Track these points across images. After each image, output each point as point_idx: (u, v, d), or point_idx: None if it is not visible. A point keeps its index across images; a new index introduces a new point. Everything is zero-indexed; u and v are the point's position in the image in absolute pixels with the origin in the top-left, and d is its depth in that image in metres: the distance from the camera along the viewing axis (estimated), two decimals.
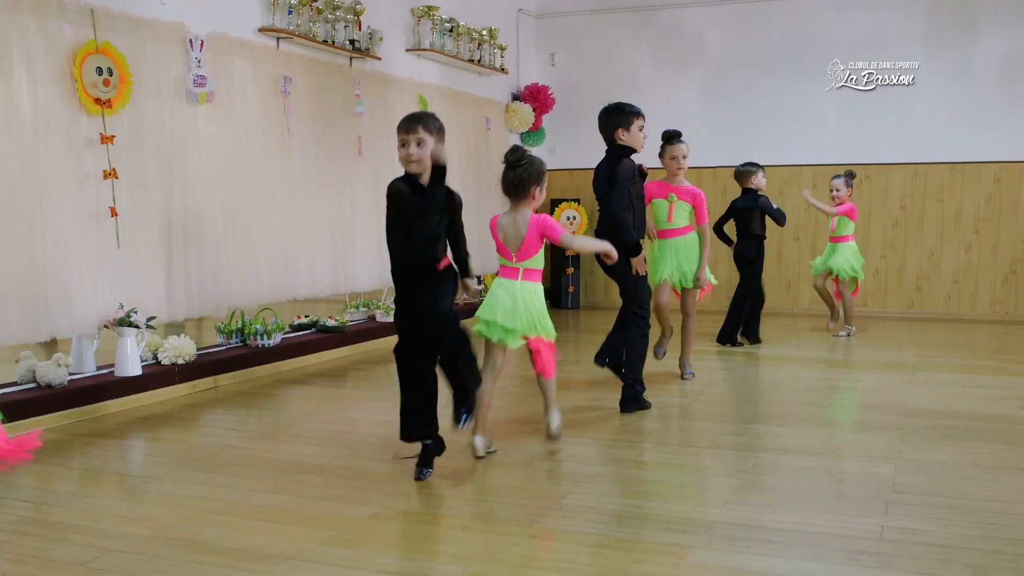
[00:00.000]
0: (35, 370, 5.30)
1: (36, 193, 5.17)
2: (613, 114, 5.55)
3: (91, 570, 3.09)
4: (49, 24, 5.23)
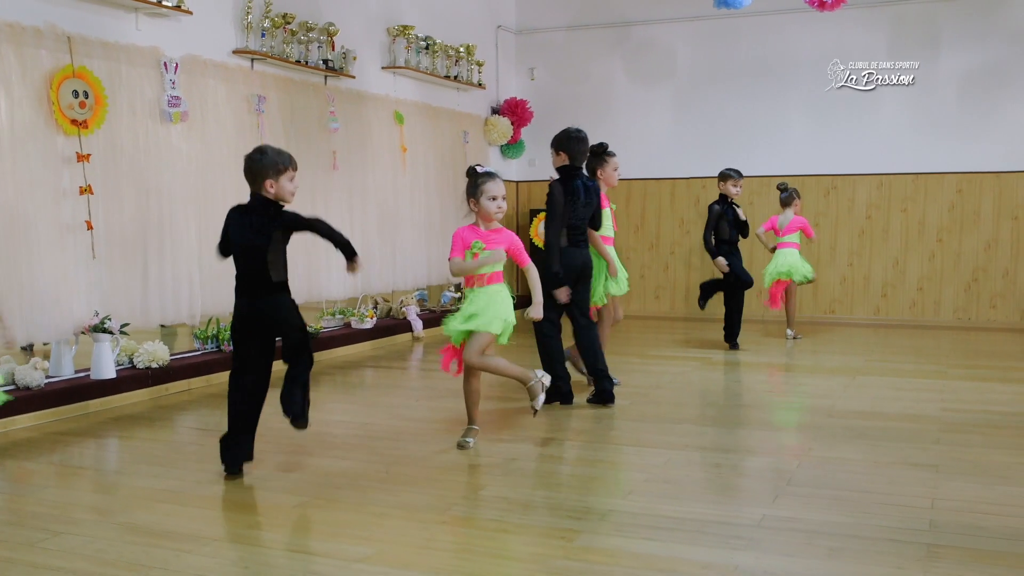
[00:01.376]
0: (14, 373, 5.67)
1: (15, 208, 5.55)
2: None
3: (38, 550, 3.45)
4: (26, 51, 5.62)
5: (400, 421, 5.61)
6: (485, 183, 4.75)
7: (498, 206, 4.77)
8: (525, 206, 11.61)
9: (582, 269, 5.91)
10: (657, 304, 11.11)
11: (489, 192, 4.74)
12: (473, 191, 4.77)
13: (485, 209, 4.75)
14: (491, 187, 4.75)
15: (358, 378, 7.33)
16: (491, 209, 4.75)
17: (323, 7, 8.19)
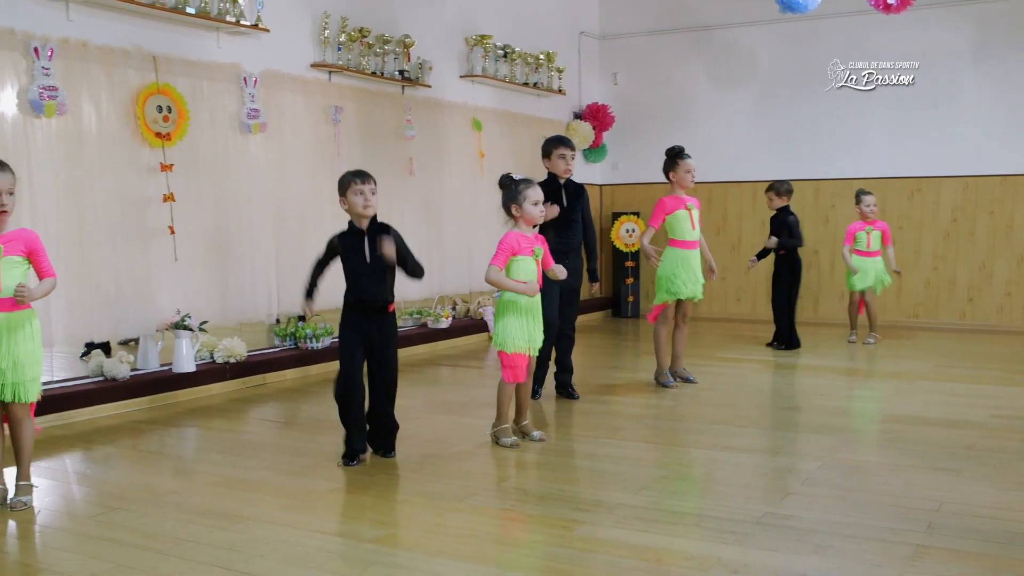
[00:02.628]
0: (102, 365, 6.20)
1: (104, 214, 6.07)
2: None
3: (91, 522, 3.88)
4: (115, 70, 6.13)
5: (455, 416, 5.89)
6: (527, 189, 4.93)
7: (540, 210, 4.96)
8: (608, 209, 11.77)
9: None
10: (738, 306, 11.14)
11: (532, 197, 4.92)
12: (515, 197, 4.93)
13: (529, 214, 4.92)
14: (533, 192, 4.93)
15: (432, 375, 7.65)
16: (535, 214, 4.93)
17: (400, 20, 8.56)
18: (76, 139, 5.91)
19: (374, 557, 3.46)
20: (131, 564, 3.41)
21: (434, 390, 6.97)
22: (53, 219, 5.81)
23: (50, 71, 5.70)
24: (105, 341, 6.61)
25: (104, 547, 3.61)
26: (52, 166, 5.79)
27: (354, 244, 4.69)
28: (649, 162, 11.27)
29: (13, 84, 5.58)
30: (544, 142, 6.35)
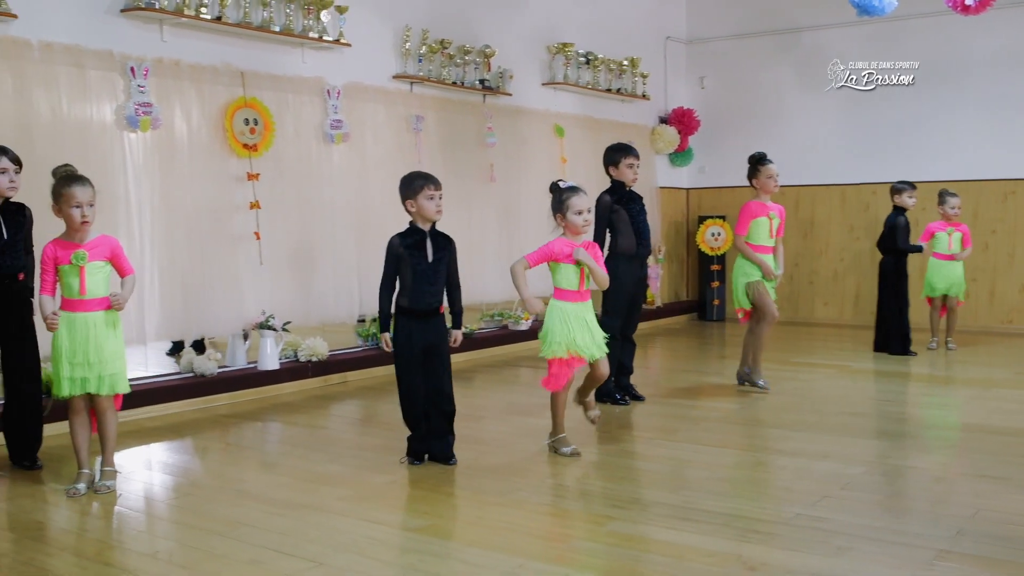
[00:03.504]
0: (193, 362, 6.63)
1: (195, 221, 6.50)
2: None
3: (159, 505, 4.24)
4: (205, 86, 6.55)
5: (522, 417, 6.08)
6: (570, 198, 4.99)
7: (584, 220, 5.01)
8: (695, 212, 11.81)
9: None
10: (825, 311, 11.04)
11: (575, 207, 4.97)
12: (559, 206, 5.05)
13: (572, 223, 5.00)
14: (576, 201, 4.98)
15: (508, 376, 7.87)
16: (578, 223, 4.99)
17: (480, 31, 8.82)
18: (169, 151, 6.34)
19: (412, 544, 3.71)
20: (191, 544, 3.74)
21: (508, 391, 7.19)
22: (148, 225, 6.26)
23: (145, 89, 6.15)
24: (200, 339, 7.07)
25: (170, 528, 3.96)
26: (147, 177, 6.24)
27: (417, 244, 4.83)
28: (735, 166, 11.22)
29: (111, 101, 6.04)
30: (608, 150, 6.44)
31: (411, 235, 4.86)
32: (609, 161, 6.42)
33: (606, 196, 6.29)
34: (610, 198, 6.26)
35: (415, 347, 4.83)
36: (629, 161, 6.36)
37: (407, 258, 4.81)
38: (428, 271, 4.83)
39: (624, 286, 6.22)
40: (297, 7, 7.09)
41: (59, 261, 4.34)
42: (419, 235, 4.85)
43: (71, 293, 4.35)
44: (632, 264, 6.33)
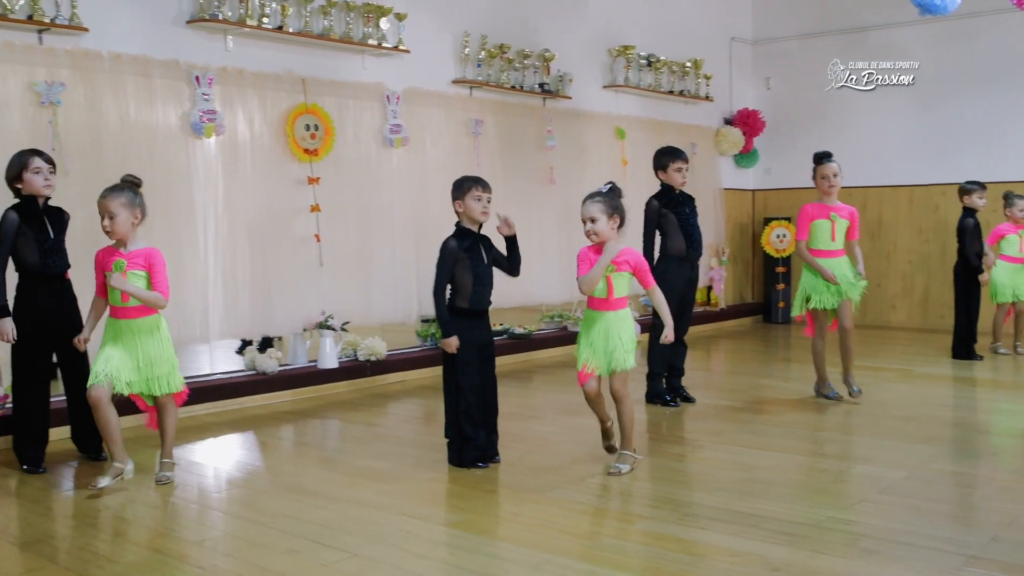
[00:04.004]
0: (255, 360, 6.86)
1: (257, 224, 6.74)
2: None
3: (210, 497, 4.44)
4: (267, 93, 6.78)
5: (575, 417, 6.14)
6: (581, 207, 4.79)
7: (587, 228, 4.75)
8: (760, 214, 11.73)
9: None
10: (894, 314, 10.86)
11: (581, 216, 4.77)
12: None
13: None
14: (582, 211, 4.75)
15: (563, 376, 7.94)
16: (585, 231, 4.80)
17: (540, 35, 8.92)
18: (232, 157, 6.59)
19: (445, 539, 3.83)
20: (236, 533, 3.92)
21: (564, 392, 7.26)
22: (212, 229, 6.51)
23: (210, 96, 6.40)
24: (267, 337, 7.32)
25: (219, 518, 4.15)
26: (211, 181, 6.49)
27: (472, 247, 4.91)
28: (802, 166, 11.07)
29: (177, 109, 6.30)
30: (657, 154, 6.48)
31: (465, 237, 4.92)
32: (658, 165, 6.47)
33: (654, 201, 6.35)
34: (658, 203, 6.31)
35: (473, 347, 4.91)
36: (677, 165, 6.39)
37: (466, 260, 4.85)
38: (484, 273, 4.93)
39: (674, 288, 6.26)
40: (357, 15, 7.28)
41: (104, 268, 4.55)
42: (472, 237, 4.92)
43: (115, 300, 4.54)
44: (683, 266, 6.37)
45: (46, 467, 4.92)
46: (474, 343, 4.91)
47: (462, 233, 4.93)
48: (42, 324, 4.87)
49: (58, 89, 5.68)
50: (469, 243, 4.90)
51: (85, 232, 5.32)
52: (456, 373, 4.88)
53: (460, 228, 4.95)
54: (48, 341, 4.93)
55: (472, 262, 4.88)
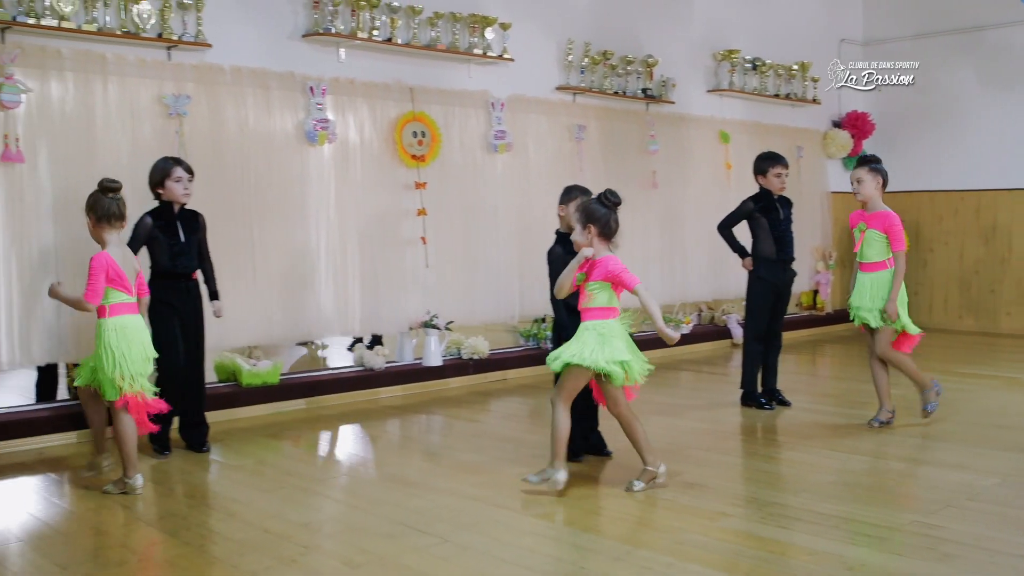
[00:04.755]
0: (363, 356, 7.19)
1: (366, 227, 7.06)
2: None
3: (319, 482, 4.74)
4: (376, 102, 7.10)
5: (669, 417, 6.29)
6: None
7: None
8: None
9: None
10: (1009, 321, 10.56)
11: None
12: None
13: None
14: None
15: (664, 378, 8.01)
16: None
17: (643, 41, 9.03)
18: (343, 163, 6.93)
19: (529, 528, 4.03)
20: (338, 517, 4.22)
21: (663, 393, 7.37)
22: (324, 232, 6.86)
23: (323, 105, 6.74)
24: (376, 335, 7.67)
25: (324, 502, 4.45)
26: (323, 186, 6.84)
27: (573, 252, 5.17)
28: (913, 169, 11.03)
29: (292, 118, 6.66)
30: (758, 159, 6.57)
31: (568, 242, 5.12)
32: (758, 170, 6.56)
33: (750, 202, 6.45)
34: (753, 204, 6.41)
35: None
36: (777, 171, 6.47)
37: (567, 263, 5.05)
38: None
39: (767, 287, 6.40)
40: (463, 26, 7.55)
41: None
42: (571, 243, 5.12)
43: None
44: (775, 267, 6.46)
45: (170, 450, 5.30)
46: None
47: (564, 239, 5.12)
48: (171, 318, 5.24)
49: (184, 101, 6.09)
50: (571, 247, 5.08)
51: (210, 233, 5.69)
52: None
53: (561, 234, 5.14)
54: (176, 334, 5.28)
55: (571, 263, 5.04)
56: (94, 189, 4.71)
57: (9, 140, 5.42)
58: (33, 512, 4.35)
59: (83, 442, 5.50)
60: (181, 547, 3.84)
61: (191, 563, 3.65)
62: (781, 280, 6.52)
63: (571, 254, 5.01)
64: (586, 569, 3.55)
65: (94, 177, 5.65)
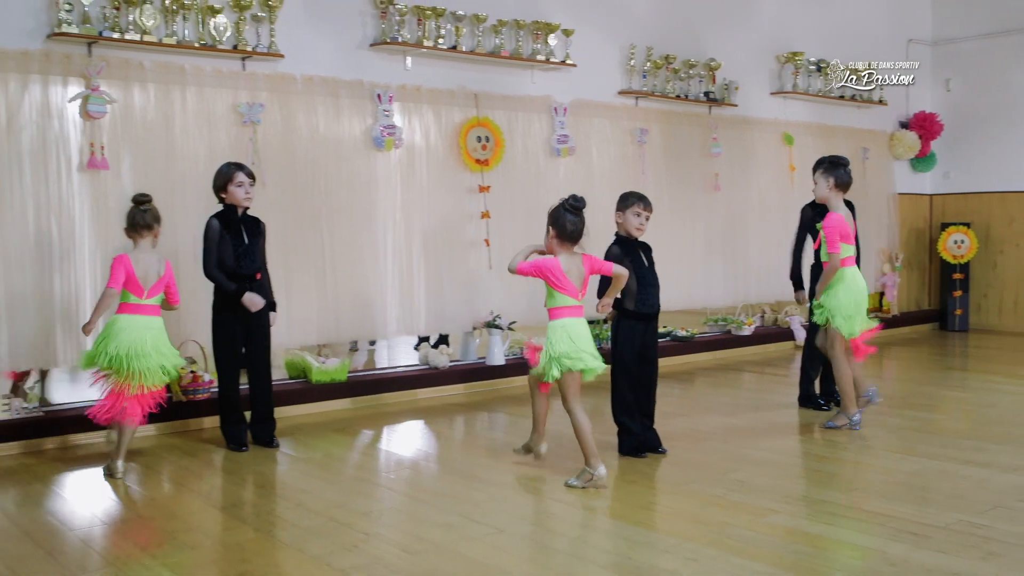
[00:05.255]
0: (428, 355, 7.42)
1: (432, 230, 7.29)
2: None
3: (387, 478, 4.96)
4: (441, 108, 7.32)
5: (722, 416, 6.39)
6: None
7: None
8: (938, 219, 11.45)
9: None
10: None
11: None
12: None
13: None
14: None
15: (725, 379, 8.12)
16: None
17: (706, 44, 9.11)
18: (409, 167, 7.16)
19: (582, 519, 4.20)
20: (399, 507, 4.42)
21: (721, 394, 7.48)
22: (390, 234, 7.10)
23: (390, 112, 6.98)
24: (442, 335, 7.89)
25: (386, 494, 4.67)
26: (390, 190, 7.08)
27: (634, 252, 5.30)
28: (984, 170, 10.92)
29: (361, 124, 6.91)
30: (815, 164, 6.58)
31: (625, 244, 5.30)
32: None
33: (808, 209, 6.52)
34: (812, 211, 6.46)
35: (635, 347, 5.29)
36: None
37: (629, 265, 5.16)
38: (647, 274, 5.31)
39: None
40: (526, 33, 7.73)
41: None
42: (631, 243, 5.31)
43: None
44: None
45: (248, 446, 5.55)
46: (636, 346, 5.29)
47: (622, 241, 5.29)
48: (236, 318, 5.51)
49: (258, 109, 6.38)
50: (630, 249, 5.26)
51: (281, 235, 5.98)
52: (616, 370, 5.28)
53: (620, 237, 5.33)
54: (240, 335, 5.55)
55: (635, 266, 5.23)
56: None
57: (95, 148, 5.75)
58: (115, 498, 4.64)
59: (161, 434, 5.82)
60: (251, 532, 4.08)
61: (260, 547, 3.89)
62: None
63: (628, 255, 5.20)
64: (633, 560, 3.69)
65: (173, 182, 6.03)
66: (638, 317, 5.28)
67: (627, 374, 5.29)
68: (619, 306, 5.24)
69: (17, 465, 5.20)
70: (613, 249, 5.29)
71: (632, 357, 5.29)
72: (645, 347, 5.34)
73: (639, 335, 5.30)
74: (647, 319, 5.32)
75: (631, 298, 5.26)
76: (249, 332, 5.50)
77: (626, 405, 5.30)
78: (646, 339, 5.34)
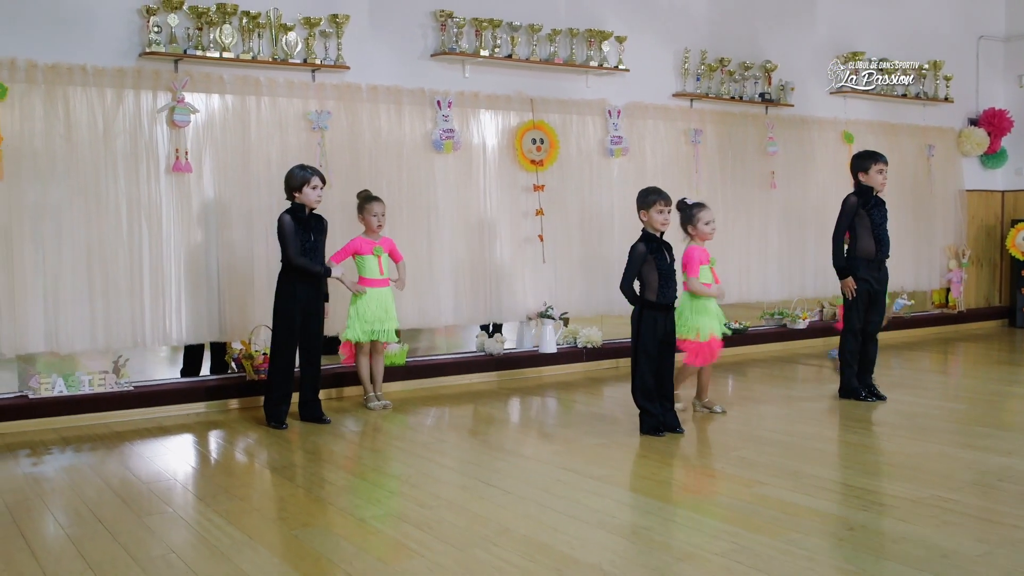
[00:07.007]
0: (484, 343, 7.97)
1: (489, 226, 7.84)
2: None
3: (424, 448, 5.53)
4: (499, 112, 7.87)
5: (759, 404, 6.74)
6: (699, 212, 6.11)
7: (711, 228, 6.15)
8: (1008, 215, 11.44)
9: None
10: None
11: (704, 219, 6.11)
12: (691, 219, 6.12)
13: (701, 232, 6.13)
14: (705, 215, 6.12)
15: (786, 371, 8.40)
16: (707, 232, 6.13)
17: (761, 46, 9.41)
18: (467, 169, 7.73)
19: (585, 486, 4.67)
20: (425, 471, 4.99)
21: (775, 384, 7.81)
22: (449, 230, 7.68)
23: (449, 117, 7.56)
24: (498, 324, 8.43)
25: (418, 460, 5.23)
26: (449, 191, 7.66)
27: (657, 249, 5.78)
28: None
29: (421, 129, 7.51)
30: (856, 157, 6.81)
31: (650, 241, 5.77)
32: (859, 168, 6.79)
33: (853, 197, 6.74)
34: (856, 199, 6.69)
35: (658, 336, 5.76)
36: (879, 167, 6.73)
37: (652, 260, 5.72)
38: (668, 270, 5.76)
39: (862, 287, 6.68)
40: (580, 40, 8.20)
41: (359, 251, 6.06)
42: (656, 241, 5.78)
43: (373, 274, 6.26)
44: (871, 266, 6.73)
45: (287, 424, 6.11)
46: (657, 334, 5.75)
47: (648, 237, 5.76)
48: (296, 308, 6.10)
49: (326, 117, 7.03)
50: (654, 246, 5.72)
51: (347, 234, 6.63)
52: (639, 356, 5.77)
53: (646, 233, 5.79)
54: (297, 322, 6.13)
55: (658, 262, 5.70)
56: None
57: (180, 153, 6.49)
58: (186, 460, 5.34)
59: (240, 408, 6.54)
60: (293, 488, 4.71)
61: (299, 500, 4.51)
62: (876, 279, 6.79)
63: (652, 253, 5.67)
64: (616, 518, 4.17)
65: (249, 184, 6.74)
66: (658, 308, 5.73)
67: (649, 360, 5.73)
68: (641, 298, 5.71)
69: (109, 433, 5.97)
70: (639, 247, 5.75)
71: (654, 344, 5.74)
72: (667, 334, 5.79)
73: (660, 324, 5.74)
74: (666, 310, 5.76)
75: (652, 290, 5.72)
76: (305, 319, 6.13)
77: (647, 389, 5.74)
78: (667, 327, 5.78)
